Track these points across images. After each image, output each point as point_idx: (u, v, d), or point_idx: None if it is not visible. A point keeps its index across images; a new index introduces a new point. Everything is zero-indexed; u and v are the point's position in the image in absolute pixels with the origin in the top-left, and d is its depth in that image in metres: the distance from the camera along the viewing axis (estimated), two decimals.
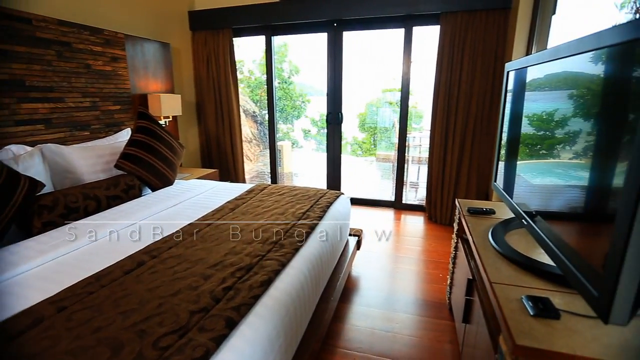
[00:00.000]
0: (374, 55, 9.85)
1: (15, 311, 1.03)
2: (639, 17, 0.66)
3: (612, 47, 0.76)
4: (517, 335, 0.80)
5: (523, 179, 1.33)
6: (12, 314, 1.01)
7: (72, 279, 1.21)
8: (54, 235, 1.58)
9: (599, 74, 0.85)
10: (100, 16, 2.60)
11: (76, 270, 1.30)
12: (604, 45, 0.78)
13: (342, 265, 1.96)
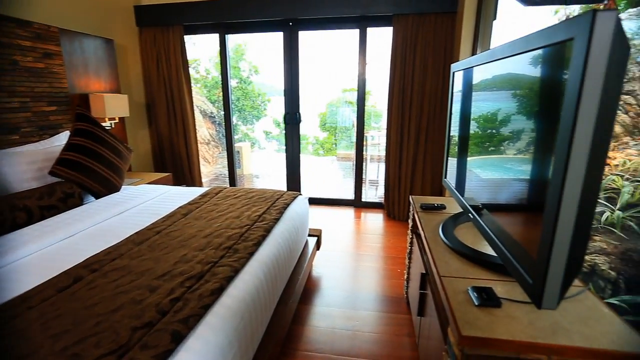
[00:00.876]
0: (333, 55, 9.95)
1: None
2: (558, 23, 0.70)
3: (539, 49, 0.81)
4: (463, 326, 0.83)
5: (469, 174, 1.39)
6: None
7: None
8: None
9: (529, 74, 0.91)
10: (30, 7, 2.36)
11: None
12: (533, 48, 0.83)
13: (302, 266, 1.94)
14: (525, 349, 0.78)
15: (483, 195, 1.22)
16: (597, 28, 0.59)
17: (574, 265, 0.78)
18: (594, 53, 0.59)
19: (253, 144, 9.73)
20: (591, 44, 0.59)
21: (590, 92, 0.60)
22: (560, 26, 0.69)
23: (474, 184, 1.35)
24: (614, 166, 3.52)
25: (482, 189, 1.26)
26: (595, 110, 0.61)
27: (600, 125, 0.62)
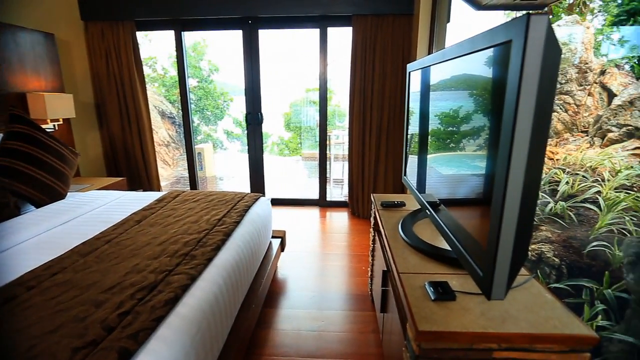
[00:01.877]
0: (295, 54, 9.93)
1: None
2: (498, 26, 0.73)
3: (482, 50, 0.84)
4: (420, 321, 0.84)
5: (425, 172, 1.43)
6: None
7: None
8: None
9: (476, 74, 0.95)
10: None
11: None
12: (477, 49, 0.86)
13: (265, 269, 1.90)
14: (478, 339, 0.81)
15: (438, 192, 1.26)
16: (532, 30, 0.62)
17: (520, 255, 0.82)
18: (530, 53, 0.62)
19: (216, 145, 9.46)
20: (527, 44, 0.62)
21: (528, 90, 0.63)
22: (499, 29, 0.72)
23: (429, 181, 1.38)
24: (556, 160, 3.81)
25: (437, 185, 1.29)
26: (532, 107, 0.63)
27: (539, 121, 0.66)
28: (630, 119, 3.89)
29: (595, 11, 6.19)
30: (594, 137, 4.30)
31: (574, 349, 0.82)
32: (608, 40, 5.59)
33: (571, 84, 4.71)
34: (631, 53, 5.27)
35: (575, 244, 2.05)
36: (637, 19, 4.52)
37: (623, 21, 5.28)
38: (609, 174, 2.96)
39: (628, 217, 2.07)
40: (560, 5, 6.36)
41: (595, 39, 5.09)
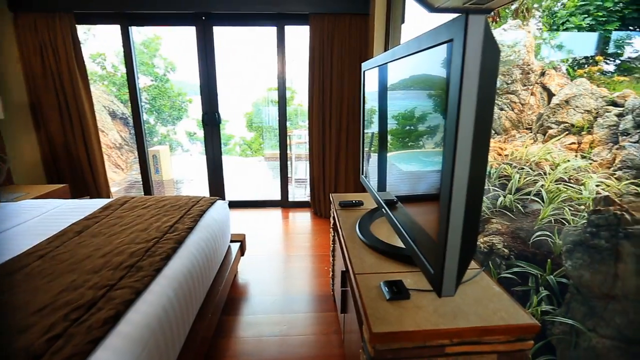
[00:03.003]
0: (256, 53, 9.74)
1: None
2: (440, 25, 0.74)
3: (427, 49, 0.84)
4: (374, 323, 0.83)
5: (380, 170, 1.44)
6: None
7: None
8: None
9: (424, 72, 0.96)
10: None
11: None
12: (423, 48, 0.87)
13: (223, 276, 1.82)
14: (431, 336, 0.82)
15: (392, 190, 1.26)
16: (470, 29, 0.62)
17: (469, 250, 0.83)
18: (470, 51, 0.63)
19: (175, 146, 9.04)
20: (466, 43, 0.63)
21: (469, 87, 0.64)
22: (442, 28, 0.73)
23: (384, 179, 1.39)
24: (504, 156, 4.06)
25: (391, 183, 1.30)
26: (474, 104, 0.64)
27: (481, 118, 0.67)
28: (567, 117, 4.24)
29: (535, 17, 6.68)
30: (537, 134, 4.64)
31: (519, 338, 0.85)
32: (546, 44, 6.05)
33: (516, 84, 5.05)
34: (566, 56, 5.74)
35: (522, 234, 2.18)
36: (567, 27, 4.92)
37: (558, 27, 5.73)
38: (549, 168, 3.21)
39: (566, 207, 2.26)
40: (506, 9, 6.79)
41: (536, 43, 5.48)
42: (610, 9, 5.70)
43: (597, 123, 4.05)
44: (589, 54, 5.63)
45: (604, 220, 1.56)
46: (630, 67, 5.40)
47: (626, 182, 2.97)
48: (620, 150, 3.42)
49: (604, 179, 3.09)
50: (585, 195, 2.49)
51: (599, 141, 3.89)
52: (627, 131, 3.59)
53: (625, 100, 3.95)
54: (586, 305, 1.51)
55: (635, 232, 1.44)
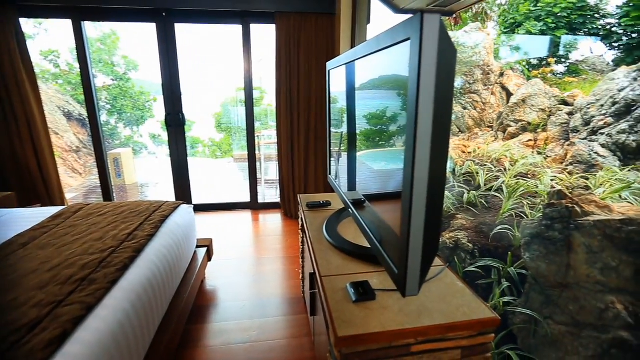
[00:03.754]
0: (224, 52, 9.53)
1: None
2: (397, 24, 0.73)
3: (386, 49, 0.84)
4: (340, 326, 0.82)
5: (347, 170, 1.43)
6: None
7: None
8: None
9: (385, 71, 0.95)
10: None
11: None
12: (382, 47, 0.86)
13: (188, 283, 1.75)
14: (396, 336, 0.82)
15: (359, 189, 1.26)
16: (426, 28, 0.62)
17: (432, 249, 0.84)
18: (426, 50, 0.62)
19: (139, 149, 8.65)
20: (422, 41, 0.62)
21: (427, 85, 0.63)
22: (399, 27, 0.72)
23: (351, 179, 1.39)
24: (468, 153, 4.22)
25: (358, 183, 1.30)
26: (432, 101, 0.64)
27: (439, 115, 0.67)
28: (524, 115, 4.48)
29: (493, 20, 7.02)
30: (497, 132, 4.87)
31: (481, 332, 0.87)
32: (504, 46, 6.37)
33: (478, 84, 5.27)
34: (522, 57, 6.07)
35: (486, 229, 2.27)
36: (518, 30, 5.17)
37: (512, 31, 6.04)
38: (509, 164, 3.37)
39: (525, 201, 2.38)
40: (467, 13, 7.07)
41: (494, 45, 5.76)
42: (559, 15, 6.09)
43: (551, 121, 4.32)
44: (542, 55, 5.99)
45: (558, 213, 1.65)
46: (578, 69, 5.80)
47: (577, 176, 3.18)
48: (571, 146, 3.67)
49: (557, 174, 3.30)
50: (542, 190, 2.64)
51: (552, 138, 4.15)
52: (577, 129, 3.85)
53: (575, 99, 4.24)
54: (543, 294, 1.58)
55: (584, 223, 1.53)
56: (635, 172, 2.96)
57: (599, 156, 3.29)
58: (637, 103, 3.31)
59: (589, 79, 5.25)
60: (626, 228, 1.49)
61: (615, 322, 1.40)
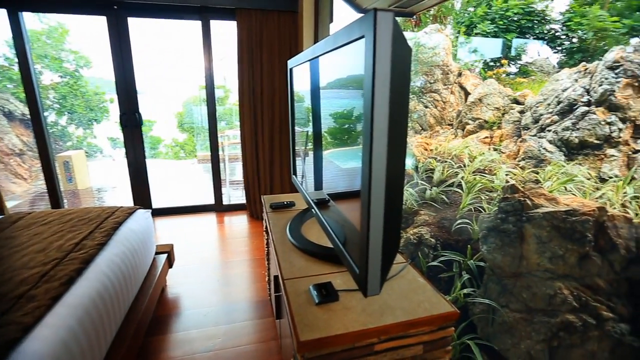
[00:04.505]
0: (185, 49, 9.16)
1: None
2: (352, 22, 0.72)
3: (343, 46, 0.83)
4: (302, 330, 0.80)
5: (309, 169, 1.42)
6: None
7: None
8: None
9: (344, 69, 0.94)
10: None
11: None
12: (339, 45, 0.85)
13: (146, 293, 1.65)
14: (359, 337, 0.81)
15: (323, 189, 1.25)
16: (379, 25, 0.61)
17: (392, 247, 0.84)
18: (380, 47, 0.62)
19: (94, 151, 8.11)
20: (376, 39, 0.61)
21: (382, 82, 0.63)
22: (353, 25, 0.72)
23: (314, 178, 1.37)
24: (430, 150, 4.37)
25: (319, 182, 1.29)
26: (387, 99, 0.64)
27: (395, 114, 0.66)
28: (481, 113, 4.72)
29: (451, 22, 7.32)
30: (457, 129, 5.09)
31: (441, 327, 0.88)
32: (461, 47, 6.67)
33: (438, 83, 5.48)
34: (478, 58, 6.38)
35: (447, 224, 2.35)
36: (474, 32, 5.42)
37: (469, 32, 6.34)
38: (468, 160, 3.53)
39: (482, 196, 2.49)
40: (427, 14, 7.31)
41: (453, 46, 6.01)
42: (511, 19, 6.47)
43: (505, 119, 4.58)
44: (496, 56, 6.33)
45: (511, 207, 1.74)
46: (528, 70, 6.20)
47: (528, 170, 3.40)
48: (522, 143, 3.91)
49: (511, 169, 3.50)
50: (497, 184, 2.79)
51: (506, 135, 4.40)
52: (528, 126, 4.11)
53: (525, 99, 4.53)
54: (500, 284, 1.67)
55: (535, 215, 1.63)
56: (578, 166, 3.21)
57: (547, 152, 3.53)
58: (578, 102, 3.59)
59: (537, 80, 5.63)
60: (570, 218, 1.61)
61: (562, 307, 1.50)
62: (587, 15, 5.99)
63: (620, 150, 3.29)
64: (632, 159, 3.23)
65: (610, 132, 3.32)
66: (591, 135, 3.37)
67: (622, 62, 3.47)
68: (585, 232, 1.61)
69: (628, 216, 1.70)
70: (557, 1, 7.02)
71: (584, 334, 1.46)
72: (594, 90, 3.54)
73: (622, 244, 1.59)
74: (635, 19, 5.90)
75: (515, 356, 1.50)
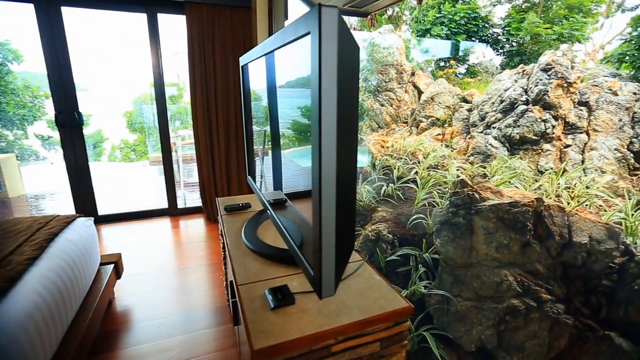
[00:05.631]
0: (134, 44, 8.60)
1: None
2: (299, 17, 0.71)
3: (291, 42, 0.81)
4: (256, 338, 0.77)
5: (264, 169, 1.38)
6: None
7: None
8: None
9: (294, 66, 0.92)
10: None
11: None
12: (287, 42, 0.83)
13: (89, 309, 1.51)
14: (316, 339, 0.80)
15: (277, 189, 1.22)
16: (324, 21, 0.60)
17: (346, 247, 0.84)
18: (326, 44, 0.60)
19: (28, 155, 7.36)
20: (322, 34, 0.60)
21: (329, 79, 0.61)
22: (300, 21, 0.70)
23: (274, 178, 1.34)
24: (386, 148, 4.50)
25: (277, 182, 1.26)
26: (335, 95, 0.62)
27: (344, 111, 0.65)
28: (433, 111, 4.95)
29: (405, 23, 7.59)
30: (412, 127, 5.29)
31: (397, 322, 0.90)
32: (414, 48, 6.94)
33: (393, 82, 5.66)
34: (429, 58, 6.67)
35: (403, 219, 2.42)
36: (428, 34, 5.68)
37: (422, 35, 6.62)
38: (422, 156, 3.68)
39: (436, 191, 2.61)
40: (382, 15, 7.51)
41: (406, 47, 6.23)
42: (460, 22, 6.85)
43: (455, 117, 4.84)
44: (446, 56, 6.66)
45: (461, 200, 1.83)
46: (475, 71, 6.60)
47: (477, 165, 3.62)
48: (471, 139, 4.15)
49: (462, 164, 3.70)
50: (449, 179, 2.94)
51: (457, 132, 4.65)
52: (475, 123, 4.38)
53: (472, 97, 4.82)
54: (453, 275, 1.75)
55: (482, 208, 1.73)
56: (520, 160, 3.48)
57: (492, 147, 3.78)
58: (518, 101, 3.89)
59: (483, 80, 6.02)
60: (513, 210, 1.73)
61: (508, 293, 1.61)
62: (523, 22, 6.51)
63: (554, 145, 3.61)
64: (564, 152, 3.56)
65: (546, 129, 3.63)
66: (530, 132, 3.67)
67: (554, 65, 3.81)
68: (525, 222, 1.74)
69: (561, 205, 1.87)
70: (499, 7, 7.57)
71: (527, 316, 1.58)
72: (531, 90, 3.85)
73: (556, 231, 1.75)
74: (563, 27, 6.52)
75: (468, 342, 1.59)
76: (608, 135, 3.46)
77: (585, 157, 3.43)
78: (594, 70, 4.89)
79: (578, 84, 3.81)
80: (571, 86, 3.75)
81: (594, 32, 7.35)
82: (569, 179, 2.90)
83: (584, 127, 3.65)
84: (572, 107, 3.74)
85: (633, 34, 5.53)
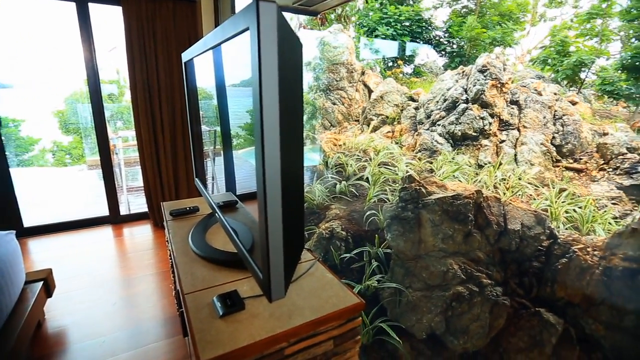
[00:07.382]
0: (66, 37, 7.81)
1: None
2: (238, 13, 0.68)
3: (231, 38, 0.78)
4: (203, 349, 0.73)
5: (213, 170, 1.32)
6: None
7: None
8: None
9: (233, 60, 0.89)
10: None
11: None
12: (227, 37, 0.79)
13: (11, 334, 1.34)
14: (267, 344, 0.78)
15: (224, 190, 1.18)
16: (262, 16, 0.58)
17: (296, 247, 0.83)
18: (265, 40, 0.58)
19: None
20: (260, 30, 0.58)
21: (269, 76, 0.60)
22: (238, 16, 0.67)
23: (224, 180, 1.29)
24: (339, 145, 4.57)
25: (231, 183, 1.21)
26: (277, 94, 0.61)
27: (286, 109, 0.64)
28: (383, 110, 5.13)
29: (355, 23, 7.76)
30: (363, 125, 5.44)
31: (349, 319, 0.91)
32: (364, 48, 7.13)
33: (344, 81, 5.76)
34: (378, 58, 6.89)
35: (357, 216, 2.48)
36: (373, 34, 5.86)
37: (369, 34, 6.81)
38: (373, 154, 3.80)
39: (387, 187, 2.70)
40: (331, 14, 7.59)
41: (356, 46, 6.38)
42: (404, 24, 7.14)
43: (403, 115, 5.06)
44: (394, 56, 6.92)
45: (409, 195, 1.91)
46: (420, 71, 6.93)
47: (424, 161, 3.81)
48: (418, 136, 4.37)
49: (410, 160, 3.88)
50: (399, 175, 3.07)
51: (405, 129, 4.86)
52: (422, 121, 4.61)
53: (419, 96, 5.07)
54: (404, 267, 1.82)
55: (429, 202, 1.82)
56: (462, 155, 3.73)
57: (438, 143, 4.00)
58: (459, 100, 4.17)
59: (428, 80, 6.35)
60: (456, 202, 1.85)
61: (453, 280, 1.73)
62: (462, 25, 6.99)
63: (491, 140, 3.92)
64: (500, 147, 3.88)
65: (484, 126, 3.93)
66: (470, 129, 3.94)
67: (489, 66, 4.13)
68: (467, 212, 1.86)
69: (498, 196, 2.04)
70: (440, 11, 8.04)
71: (470, 301, 1.70)
72: (470, 90, 4.14)
73: (494, 220, 1.90)
74: (496, 32, 7.10)
75: (419, 330, 1.67)
76: (535, 131, 3.84)
77: (517, 151, 3.77)
78: (523, 72, 5.39)
79: (510, 84, 4.18)
80: (504, 86, 4.10)
81: (522, 38, 8.12)
82: (504, 172, 3.16)
83: (516, 124, 4.01)
84: (505, 106, 4.10)
85: (552, 42, 6.20)
